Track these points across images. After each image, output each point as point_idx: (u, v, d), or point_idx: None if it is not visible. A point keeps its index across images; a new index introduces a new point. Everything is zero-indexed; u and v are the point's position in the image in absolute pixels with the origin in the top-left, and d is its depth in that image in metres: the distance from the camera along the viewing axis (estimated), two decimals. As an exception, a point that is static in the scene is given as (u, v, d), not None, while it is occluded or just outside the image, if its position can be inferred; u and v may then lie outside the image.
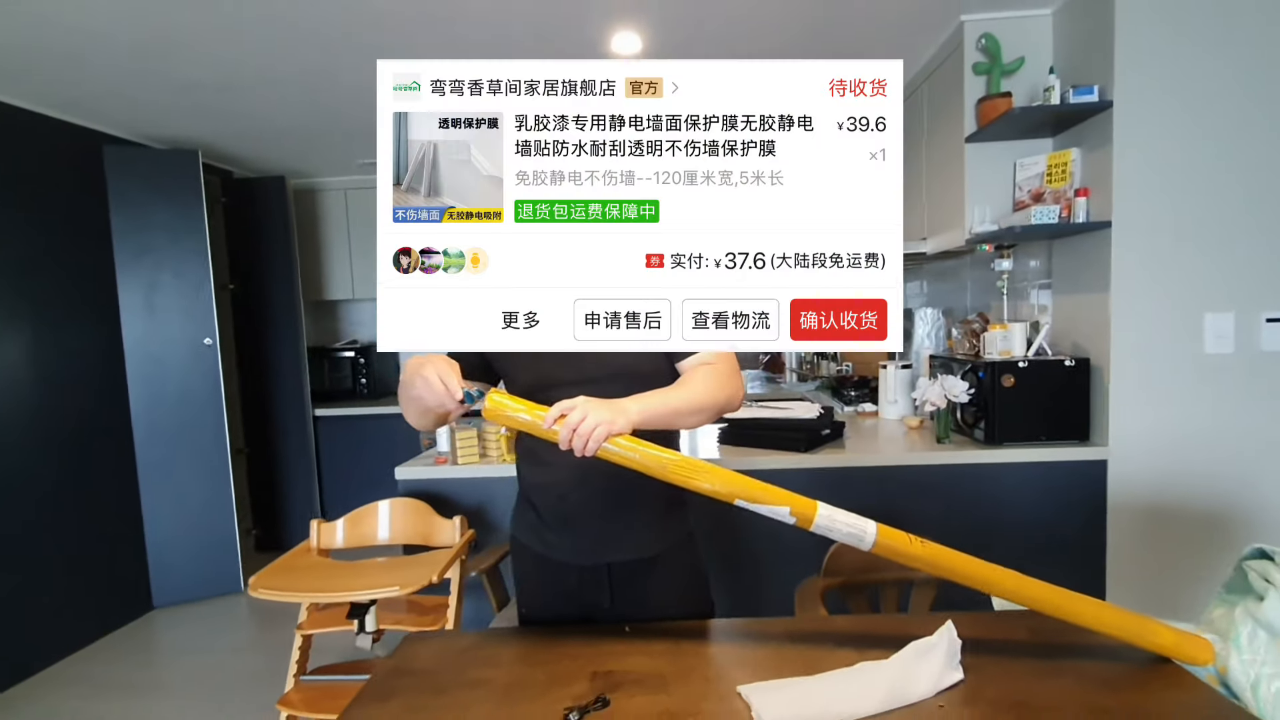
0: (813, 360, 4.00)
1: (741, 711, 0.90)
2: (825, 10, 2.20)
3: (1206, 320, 1.95)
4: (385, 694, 1.01)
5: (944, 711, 0.91)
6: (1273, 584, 1.05)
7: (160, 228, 3.16)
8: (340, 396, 4.20)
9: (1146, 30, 1.91)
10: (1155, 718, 0.89)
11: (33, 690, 2.58)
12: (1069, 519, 2.05)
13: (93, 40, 2.21)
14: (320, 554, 1.98)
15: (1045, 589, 1.00)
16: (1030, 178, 2.20)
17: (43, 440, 2.79)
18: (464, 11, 2.09)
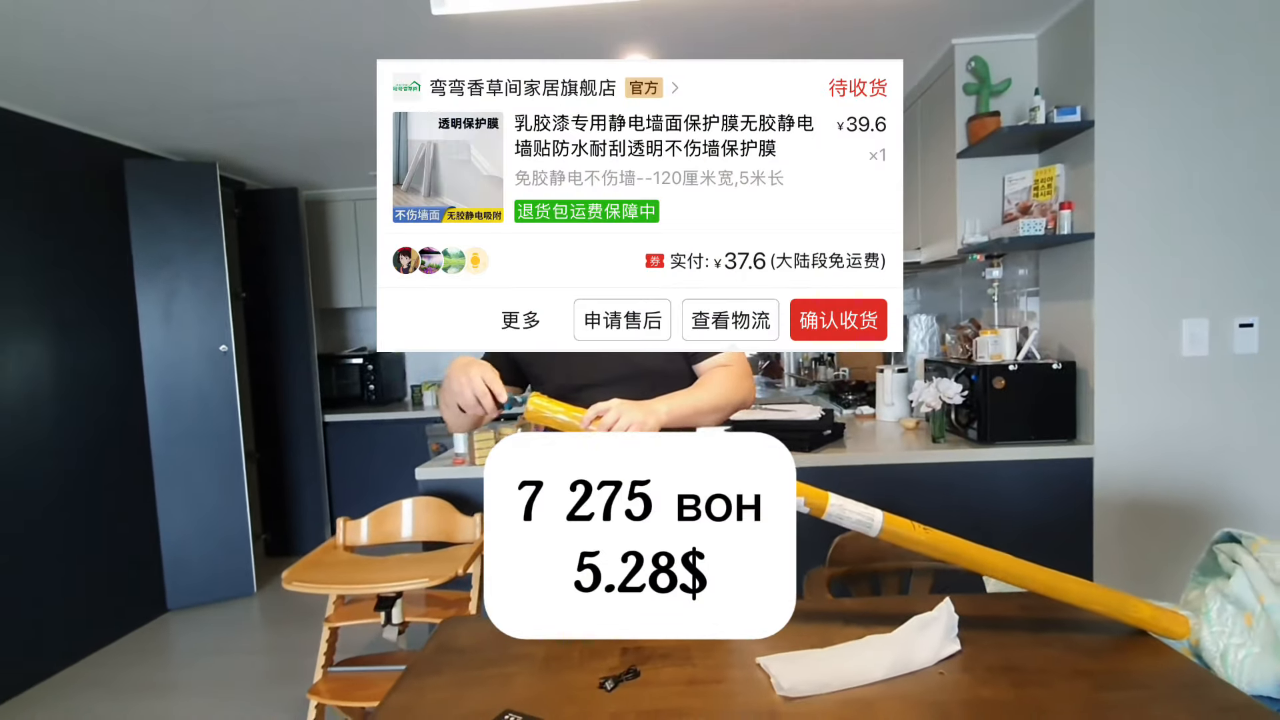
0: (810, 365, 4.11)
1: (761, 679, 0.99)
2: (820, 32, 2.32)
3: (1183, 325, 2.08)
4: (434, 669, 1.10)
5: (943, 678, 1.01)
6: (1239, 563, 1.15)
7: (178, 238, 3.25)
8: (349, 403, 4.28)
9: (1124, 55, 2.04)
10: (1133, 678, 0.99)
11: (52, 691, 2.64)
12: (1058, 512, 2.16)
13: (116, 59, 2.31)
14: (346, 550, 2.07)
15: (1035, 569, 1.09)
16: (1018, 191, 2.33)
17: (62, 446, 2.86)
18: (467, 25, 2.18)
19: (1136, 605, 1.11)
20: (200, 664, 2.85)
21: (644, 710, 0.94)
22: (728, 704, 0.96)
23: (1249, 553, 1.14)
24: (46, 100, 2.68)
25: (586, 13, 2.07)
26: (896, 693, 0.97)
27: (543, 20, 2.09)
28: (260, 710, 2.39)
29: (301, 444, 4.01)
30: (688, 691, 0.99)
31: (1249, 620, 1.09)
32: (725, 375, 1.20)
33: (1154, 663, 1.03)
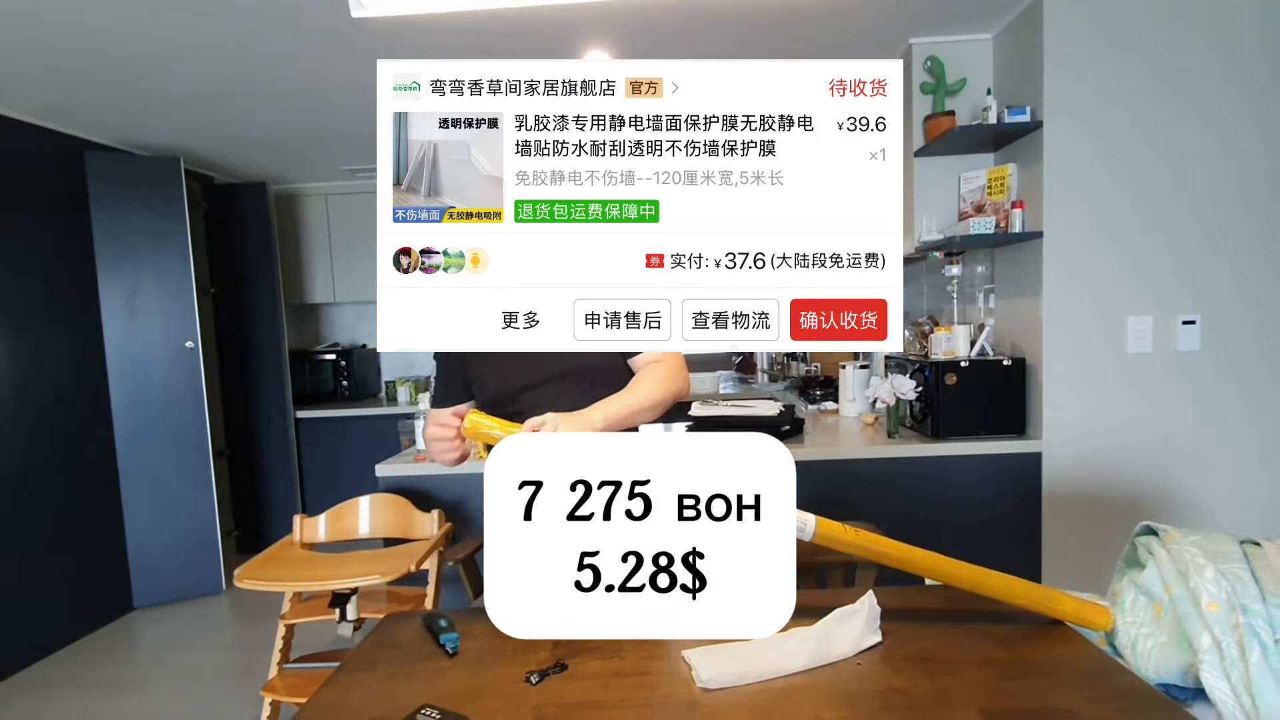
0: (783, 361, 4.14)
1: (684, 672, 1.02)
2: (782, 34, 2.34)
3: (1128, 322, 2.12)
4: (368, 664, 1.11)
5: (860, 668, 1.04)
6: (1153, 555, 1.19)
7: (141, 233, 3.22)
8: (321, 398, 4.26)
9: (1071, 57, 2.07)
10: (1039, 666, 1.02)
11: (12, 690, 2.62)
12: (1008, 505, 2.21)
13: (78, 53, 2.28)
14: (303, 547, 2.07)
15: (960, 566, 1.10)
16: (973, 190, 2.36)
17: (24, 442, 2.83)
18: (447, 19, 2.18)
19: (1059, 599, 1.13)
20: (163, 661, 2.84)
21: (565, 703, 0.97)
22: (648, 695, 0.98)
23: (1163, 545, 1.18)
24: (2, 93, 2.64)
25: (522, 16, 2.06)
26: (813, 683, 1.00)
27: (478, 21, 2.08)
28: (220, 706, 2.40)
29: (272, 440, 4.00)
30: (611, 684, 1.01)
31: (1158, 611, 1.12)
32: (658, 371, 1.22)
33: (1063, 651, 1.07)
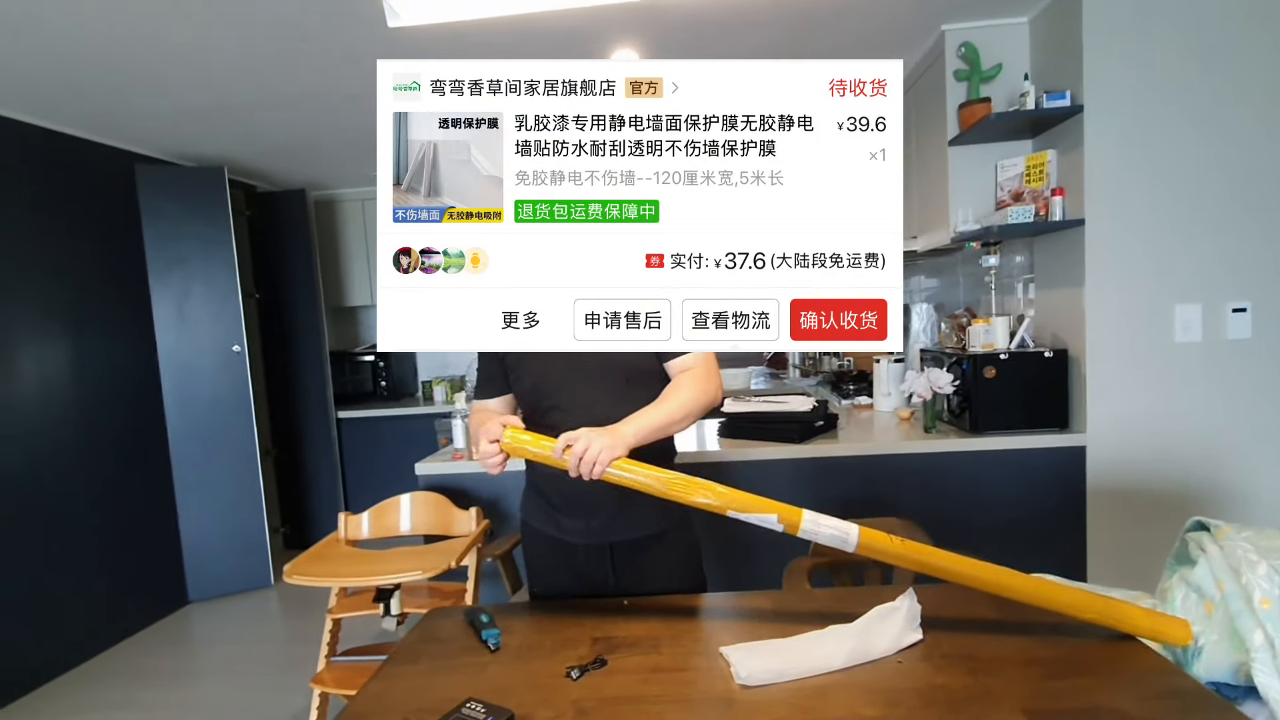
0: (815, 356, 4.10)
1: (722, 668, 1.03)
2: (811, 19, 2.31)
3: (1176, 311, 2.05)
4: (412, 658, 1.15)
5: (901, 666, 1.03)
6: (1204, 551, 1.16)
7: (190, 241, 3.34)
8: (361, 399, 4.37)
9: (1112, 38, 2.00)
10: (1083, 663, 1.01)
11: (79, 679, 2.76)
12: (1050, 502, 2.15)
13: (126, 73, 2.38)
14: (348, 544, 2.14)
15: (1016, 577, 1.04)
16: (1010, 178, 2.30)
17: (83, 447, 2.97)
18: (471, 28, 2.22)
19: (1133, 615, 1.04)
20: (216, 653, 2.96)
21: (605, 697, 0.99)
22: (686, 691, 1.00)
23: (1214, 541, 1.15)
24: (59, 111, 2.77)
25: (554, 19, 2.07)
26: (852, 680, 1.00)
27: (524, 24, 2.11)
28: (272, 696, 2.49)
29: (316, 440, 4.11)
30: (650, 679, 1.02)
31: (1209, 608, 1.09)
32: (690, 381, 1.19)
33: (1110, 649, 1.05)
